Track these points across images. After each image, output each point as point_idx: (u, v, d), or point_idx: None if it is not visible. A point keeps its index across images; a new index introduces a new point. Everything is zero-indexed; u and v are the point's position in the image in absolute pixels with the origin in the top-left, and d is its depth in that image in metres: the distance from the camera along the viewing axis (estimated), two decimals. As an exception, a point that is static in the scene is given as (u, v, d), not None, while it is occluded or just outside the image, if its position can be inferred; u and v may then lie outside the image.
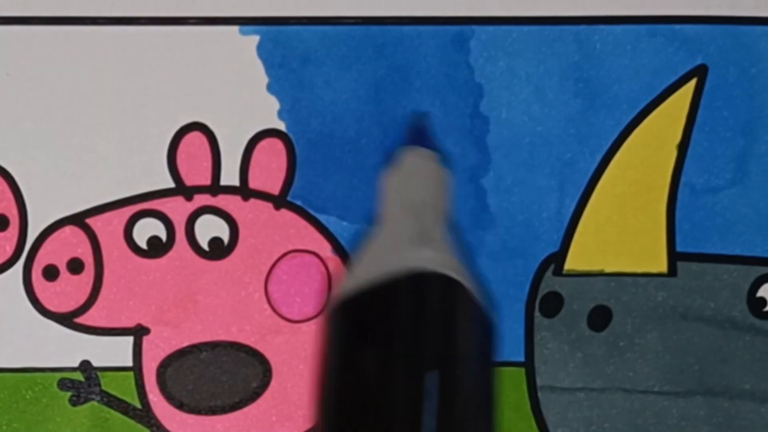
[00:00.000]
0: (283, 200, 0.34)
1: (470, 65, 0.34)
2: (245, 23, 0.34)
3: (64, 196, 0.34)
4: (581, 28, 0.34)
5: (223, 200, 0.34)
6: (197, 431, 0.34)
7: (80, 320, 0.34)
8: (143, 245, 0.34)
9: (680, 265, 0.35)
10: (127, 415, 0.34)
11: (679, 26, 0.34)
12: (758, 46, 0.34)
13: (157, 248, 0.34)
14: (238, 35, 0.34)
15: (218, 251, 0.34)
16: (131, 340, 0.34)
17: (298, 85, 0.34)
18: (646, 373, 0.35)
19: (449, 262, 0.28)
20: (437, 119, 0.34)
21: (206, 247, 0.34)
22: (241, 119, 0.34)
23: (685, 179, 0.35)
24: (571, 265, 0.35)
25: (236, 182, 0.34)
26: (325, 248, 0.34)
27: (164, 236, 0.34)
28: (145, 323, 0.34)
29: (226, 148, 0.34)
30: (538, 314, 0.35)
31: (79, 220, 0.34)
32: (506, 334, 0.34)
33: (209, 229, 0.34)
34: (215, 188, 0.34)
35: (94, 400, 0.34)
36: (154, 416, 0.34)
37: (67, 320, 0.34)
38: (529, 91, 0.34)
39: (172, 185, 0.34)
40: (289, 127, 0.34)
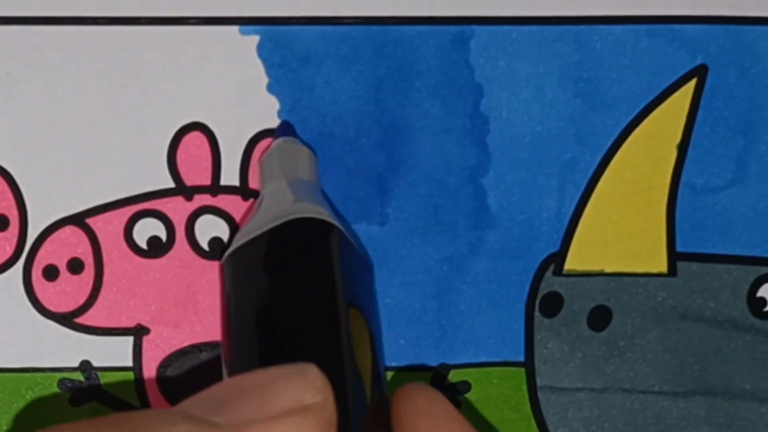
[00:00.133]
0: (283, 200, 0.34)
1: (470, 65, 0.34)
2: (245, 23, 0.34)
3: (64, 196, 0.34)
4: (581, 28, 0.34)
5: (223, 200, 0.34)
6: (197, 431, 0.34)
7: (80, 320, 0.34)
8: (143, 245, 0.34)
9: (680, 265, 0.35)
10: (127, 415, 0.34)
11: (679, 26, 0.34)
12: (758, 46, 0.34)
13: (157, 248, 0.34)
14: (238, 35, 0.34)
15: (218, 251, 0.34)
16: (131, 340, 0.34)
17: (298, 85, 0.34)
18: (646, 373, 0.35)
19: (326, 213, 0.30)
20: (437, 119, 0.34)
21: (206, 247, 0.34)
22: (241, 119, 0.34)
23: (685, 179, 0.35)
24: (571, 265, 0.35)
25: (236, 182, 0.34)
26: (325, 248, 0.34)
27: (164, 236, 0.34)
28: (145, 323, 0.34)
29: (226, 148, 0.34)
30: (538, 314, 0.35)
31: (79, 220, 0.34)
32: (506, 334, 0.34)
33: (209, 229, 0.34)
34: (215, 188, 0.34)
35: (94, 400, 0.34)
36: (154, 416, 0.34)
37: (67, 320, 0.34)
38: (529, 91, 0.34)
39: (172, 185, 0.34)
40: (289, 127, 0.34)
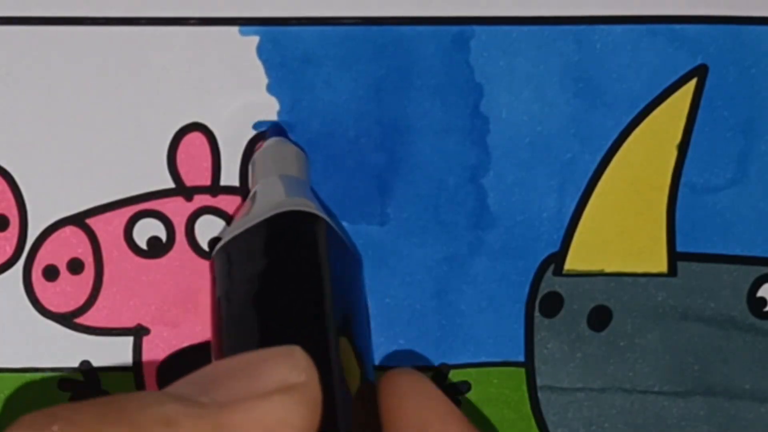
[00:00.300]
0: (283, 200, 0.34)
1: (470, 65, 0.34)
2: (245, 24, 0.34)
3: (64, 196, 0.34)
4: (581, 28, 0.34)
5: (223, 200, 0.34)
6: (197, 431, 0.34)
7: (80, 320, 0.34)
8: (143, 245, 0.34)
9: (680, 265, 0.35)
10: (127, 415, 0.34)
11: (679, 26, 0.34)
12: (758, 46, 0.34)
13: (157, 248, 0.34)
14: (238, 36, 0.34)
15: (218, 251, 0.34)
16: (131, 340, 0.34)
17: (298, 85, 0.34)
18: (646, 373, 0.35)
19: (313, 207, 0.30)
20: (437, 119, 0.34)
21: (206, 247, 0.34)
22: (241, 120, 0.34)
23: (685, 179, 0.35)
24: (571, 265, 0.35)
25: (236, 182, 0.34)
26: (325, 248, 0.34)
27: (164, 236, 0.34)
28: (145, 323, 0.34)
29: (226, 148, 0.34)
30: (538, 314, 0.35)
31: (79, 220, 0.34)
32: (506, 334, 0.34)
33: (209, 229, 0.34)
34: (215, 188, 0.34)
35: (94, 400, 0.34)
36: (154, 416, 0.34)
37: (67, 320, 0.34)
38: (529, 91, 0.34)
39: (172, 185, 0.34)
40: (289, 127, 0.34)
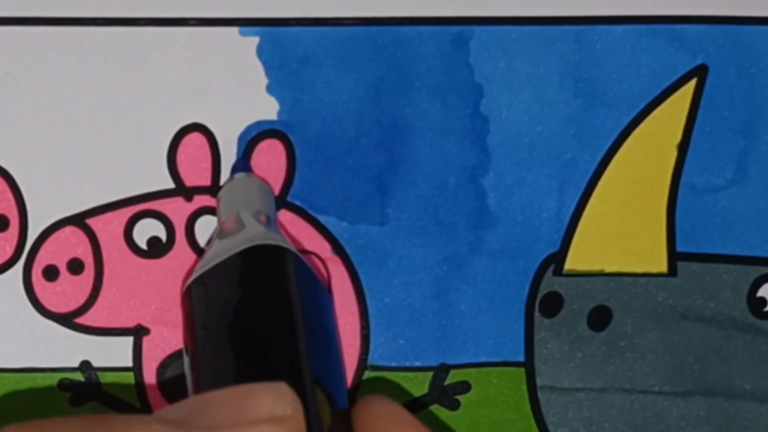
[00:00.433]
0: (283, 201, 0.34)
1: (470, 65, 0.34)
2: (245, 24, 0.34)
3: (64, 196, 0.34)
4: (581, 28, 0.34)
5: (223, 200, 0.34)
6: (197, 431, 0.34)
7: (80, 320, 0.34)
8: (143, 245, 0.34)
9: (680, 265, 0.35)
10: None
11: (679, 26, 0.34)
12: (758, 46, 0.34)
13: (157, 248, 0.34)
14: (237, 36, 0.34)
15: (218, 251, 0.34)
16: (131, 340, 0.34)
17: (297, 86, 0.34)
18: (646, 373, 0.35)
19: (281, 240, 0.31)
20: (437, 119, 0.34)
21: (206, 247, 0.34)
22: (241, 120, 0.34)
23: (685, 179, 0.35)
24: (571, 265, 0.35)
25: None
26: (325, 249, 0.34)
27: (164, 236, 0.34)
28: (145, 323, 0.34)
29: (225, 149, 0.34)
30: (538, 314, 0.35)
31: (79, 220, 0.34)
32: (506, 334, 0.34)
33: (209, 229, 0.34)
34: (215, 189, 0.34)
35: (94, 400, 0.34)
36: (154, 416, 0.34)
37: (67, 320, 0.34)
38: (529, 91, 0.34)
39: (172, 186, 0.34)
40: (289, 127, 0.34)
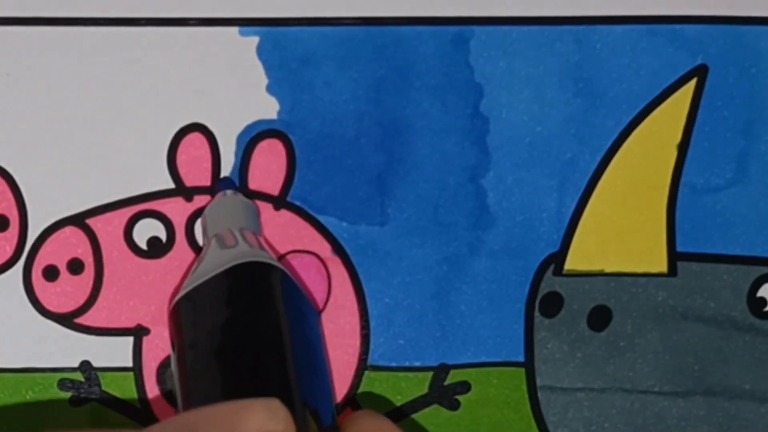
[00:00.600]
0: (282, 201, 0.34)
1: (470, 65, 0.34)
2: (245, 24, 0.34)
3: (64, 196, 0.34)
4: (581, 28, 0.34)
5: (223, 200, 0.34)
6: (197, 431, 0.34)
7: (80, 320, 0.34)
8: (143, 245, 0.34)
9: (680, 265, 0.35)
10: (127, 415, 0.34)
11: (679, 26, 0.34)
12: (758, 46, 0.34)
13: (157, 248, 0.34)
14: (238, 36, 0.34)
15: (218, 251, 0.34)
16: (131, 340, 0.34)
17: (297, 85, 0.34)
18: (646, 373, 0.35)
19: (268, 257, 0.31)
20: (437, 119, 0.34)
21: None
22: (240, 120, 0.34)
23: (685, 179, 0.35)
24: (571, 265, 0.35)
25: (236, 183, 0.34)
26: (325, 249, 0.34)
27: (164, 236, 0.34)
28: (145, 323, 0.34)
29: (225, 149, 0.34)
30: (538, 314, 0.35)
31: (79, 220, 0.34)
32: (506, 334, 0.34)
33: (209, 229, 0.34)
34: (215, 189, 0.34)
35: (94, 400, 0.34)
36: (154, 416, 0.34)
37: (67, 320, 0.34)
38: (529, 91, 0.34)
39: (171, 186, 0.34)
40: (289, 127, 0.34)
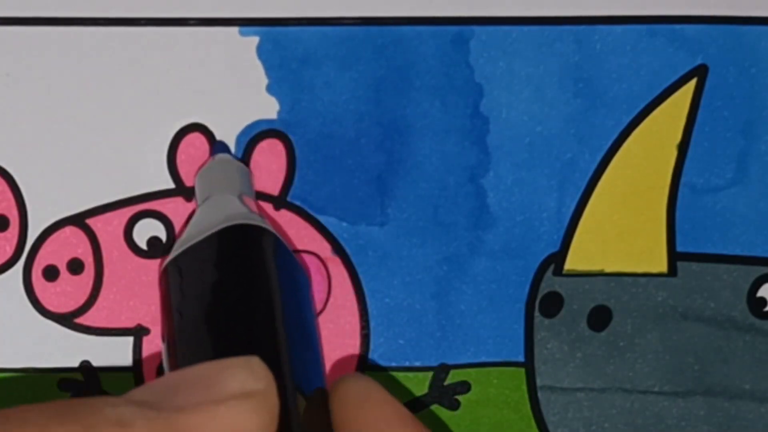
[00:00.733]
0: (282, 201, 0.34)
1: (470, 65, 0.34)
2: (245, 24, 0.34)
3: (64, 196, 0.34)
4: (581, 28, 0.34)
5: (223, 200, 0.34)
6: (197, 431, 0.34)
7: (80, 320, 0.34)
8: (143, 245, 0.34)
9: (680, 265, 0.35)
10: (127, 415, 0.34)
11: (679, 26, 0.34)
12: (758, 46, 0.34)
13: (157, 248, 0.34)
14: (237, 36, 0.34)
15: (218, 251, 0.34)
16: (131, 340, 0.34)
17: (297, 86, 0.34)
18: (646, 373, 0.35)
19: (260, 220, 0.31)
20: (437, 119, 0.34)
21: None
22: (240, 120, 0.34)
23: (685, 179, 0.35)
24: (571, 265, 0.35)
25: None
26: (325, 249, 0.34)
27: (164, 237, 0.34)
28: (145, 323, 0.34)
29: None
30: (538, 314, 0.35)
31: (79, 220, 0.34)
32: (506, 334, 0.34)
33: (209, 229, 0.34)
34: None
35: (94, 400, 0.34)
36: (154, 416, 0.34)
37: (67, 320, 0.34)
38: (529, 91, 0.34)
39: (172, 186, 0.34)
40: (289, 127, 0.34)
